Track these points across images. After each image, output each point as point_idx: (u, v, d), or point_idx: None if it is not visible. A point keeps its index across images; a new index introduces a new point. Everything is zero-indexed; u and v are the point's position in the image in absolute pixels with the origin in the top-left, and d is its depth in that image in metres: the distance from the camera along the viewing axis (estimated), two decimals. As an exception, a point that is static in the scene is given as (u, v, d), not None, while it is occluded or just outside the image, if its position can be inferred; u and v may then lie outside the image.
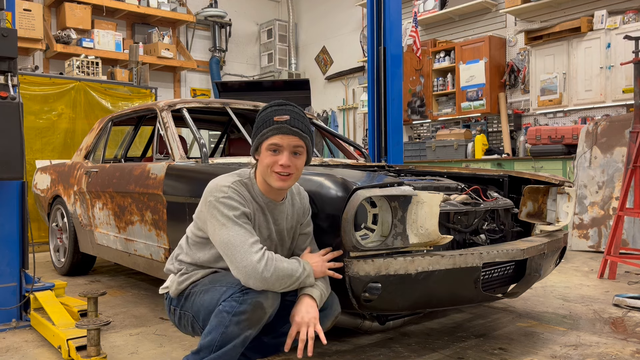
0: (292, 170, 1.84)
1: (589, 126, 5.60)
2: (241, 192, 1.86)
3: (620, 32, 5.75)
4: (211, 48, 9.50)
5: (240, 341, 1.74)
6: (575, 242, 5.36)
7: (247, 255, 1.73)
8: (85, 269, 4.36)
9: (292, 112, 1.86)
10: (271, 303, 1.76)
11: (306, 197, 2.07)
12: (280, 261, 1.78)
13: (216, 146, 4.94)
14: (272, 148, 1.82)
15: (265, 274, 1.72)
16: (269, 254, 1.77)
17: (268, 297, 1.75)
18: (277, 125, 1.82)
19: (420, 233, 2.08)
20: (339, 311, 1.98)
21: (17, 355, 2.52)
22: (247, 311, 1.71)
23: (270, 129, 1.83)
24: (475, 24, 7.49)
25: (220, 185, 1.85)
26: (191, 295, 1.93)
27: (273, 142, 1.82)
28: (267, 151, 1.83)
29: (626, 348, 2.52)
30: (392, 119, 4.92)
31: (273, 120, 1.83)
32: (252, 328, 1.74)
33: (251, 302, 1.72)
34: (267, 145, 1.83)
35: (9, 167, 2.79)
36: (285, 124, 1.82)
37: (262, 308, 1.73)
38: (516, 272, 2.50)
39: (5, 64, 2.83)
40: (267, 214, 1.93)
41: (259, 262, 1.72)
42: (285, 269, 1.77)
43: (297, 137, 1.83)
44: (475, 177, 3.11)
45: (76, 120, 6.14)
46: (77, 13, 7.51)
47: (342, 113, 9.43)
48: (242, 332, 1.73)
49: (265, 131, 1.84)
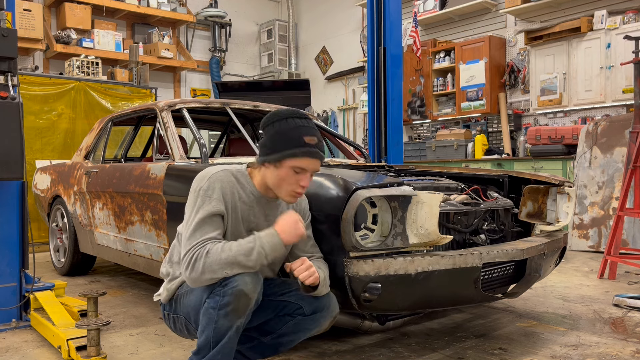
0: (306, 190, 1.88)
1: (589, 126, 5.60)
2: (227, 182, 1.86)
3: (620, 32, 5.75)
4: (211, 48, 9.50)
5: (234, 332, 1.74)
6: (575, 242, 5.36)
7: (185, 253, 1.76)
8: (85, 269, 4.36)
9: (317, 131, 1.85)
10: (252, 287, 1.72)
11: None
12: (217, 254, 1.71)
13: (216, 146, 4.94)
14: (298, 170, 1.81)
15: (193, 275, 1.72)
16: (205, 250, 1.72)
17: (247, 282, 1.71)
18: (309, 149, 1.79)
19: (420, 233, 2.08)
20: (337, 312, 1.97)
21: (17, 355, 2.52)
22: (231, 302, 1.70)
23: (302, 150, 1.79)
24: (475, 24, 7.49)
25: (204, 174, 1.87)
26: (179, 297, 1.93)
27: (301, 165, 1.80)
28: (290, 169, 1.80)
29: (626, 348, 2.52)
30: (392, 119, 4.92)
31: (304, 140, 1.79)
32: (241, 316, 1.74)
33: (232, 292, 1.70)
34: (292, 165, 1.80)
35: (9, 167, 2.79)
36: (315, 148, 1.81)
37: (245, 295, 1.71)
38: (516, 272, 2.50)
39: (5, 64, 2.83)
40: (256, 207, 1.92)
41: (189, 262, 1.73)
42: (221, 260, 1.70)
43: (321, 161, 1.85)
44: (475, 177, 3.11)
45: (76, 120, 6.14)
46: (77, 13, 7.51)
47: (342, 113, 9.43)
48: (232, 323, 1.72)
49: (296, 151, 1.79)
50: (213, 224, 1.79)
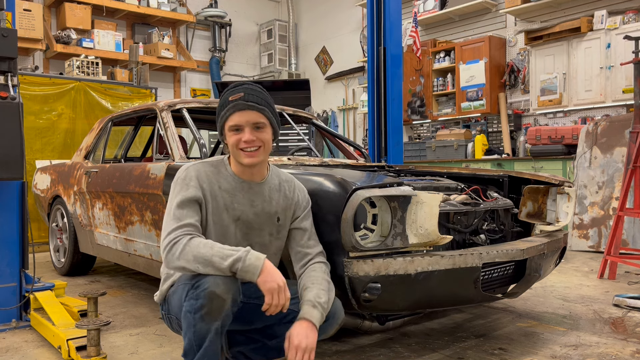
0: (258, 143, 1.85)
1: (589, 126, 5.60)
2: (203, 171, 1.90)
3: (620, 32, 5.75)
4: (211, 48, 9.50)
5: (214, 335, 1.69)
6: (575, 242, 5.36)
7: (163, 240, 1.78)
8: (85, 269, 4.36)
9: (246, 88, 1.88)
10: (225, 289, 1.67)
11: (302, 190, 2.05)
12: (197, 246, 1.71)
13: (216, 146, 4.94)
14: (234, 128, 1.85)
15: (169, 257, 1.74)
16: (186, 239, 1.73)
17: (218, 284, 1.68)
18: (232, 103, 1.85)
19: (419, 233, 2.08)
20: (343, 317, 1.93)
21: (17, 355, 2.52)
22: (205, 305, 1.66)
23: (227, 109, 1.86)
24: (475, 24, 7.49)
25: (183, 167, 1.93)
26: (169, 297, 1.93)
27: (232, 122, 1.85)
28: (230, 132, 1.86)
29: (626, 348, 2.52)
30: (392, 119, 4.92)
31: (228, 100, 1.86)
32: (217, 319, 1.68)
33: (205, 295, 1.66)
34: (228, 127, 1.86)
35: (9, 167, 2.79)
36: (239, 100, 1.84)
37: (217, 296, 1.66)
38: (516, 272, 2.50)
39: (5, 64, 2.83)
40: (239, 194, 1.91)
41: (168, 244, 1.75)
42: (198, 254, 1.70)
43: (254, 110, 1.85)
44: (475, 177, 3.11)
45: (76, 120, 6.14)
46: (77, 13, 7.51)
47: (342, 113, 9.43)
48: (209, 325, 1.68)
49: (223, 113, 1.87)
50: (191, 208, 1.82)
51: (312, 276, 1.90)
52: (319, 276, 1.90)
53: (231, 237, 1.91)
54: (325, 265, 1.97)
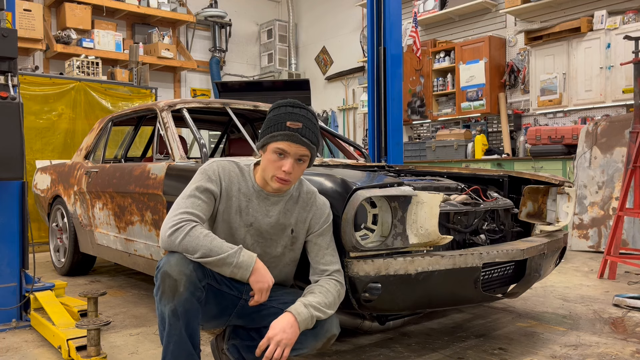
0: (292, 177, 1.85)
1: (588, 126, 5.60)
2: (229, 169, 1.93)
3: (620, 32, 5.75)
4: (211, 48, 9.50)
5: (171, 316, 1.70)
6: (575, 242, 5.36)
7: (169, 219, 1.79)
8: (85, 269, 4.36)
9: (305, 119, 1.85)
10: (177, 270, 1.70)
11: (321, 206, 2.00)
12: (197, 236, 1.74)
13: (216, 146, 4.94)
14: (279, 152, 1.83)
15: (169, 239, 1.75)
16: (189, 227, 1.75)
17: (171, 263, 1.71)
18: (289, 132, 1.81)
19: (420, 233, 2.08)
20: (334, 333, 1.87)
21: (17, 355, 2.52)
22: (160, 285, 1.71)
23: (281, 133, 1.82)
24: (475, 24, 7.49)
25: (211, 160, 1.96)
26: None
27: (281, 147, 1.82)
28: (272, 153, 1.84)
29: (626, 348, 2.52)
30: (392, 119, 4.92)
31: (286, 125, 1.82)
32: (171, 300, 1.69)
33: (160, 276, 1.72)
34: (274, 148, 1.83)
35: (9, 167, 2.79)
36: (296, 132, 1.82)
37: (169, 276, 1.69)
38: (516, 272, 2.50)
39: (5, 64, 2.83)
40: (255, 200, 1.92)
41: (173, 226, 1.76)
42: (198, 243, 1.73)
43: (305, 147, 1.84)
44: (475, 177, 3.11)
45: (76, 120, 6.14)
46: (77, 13, 7.51)
47: (342, 113, 9.43)
48: (165, 307, 1.70)
49: (275, 134, 1.82)
50: (203, 200, 1.85)
51: (321, 285, 1.89)
52: (328, 289, 1.88)
53: (239, 240, 1.92)
54: (339, 285, 1.93)
